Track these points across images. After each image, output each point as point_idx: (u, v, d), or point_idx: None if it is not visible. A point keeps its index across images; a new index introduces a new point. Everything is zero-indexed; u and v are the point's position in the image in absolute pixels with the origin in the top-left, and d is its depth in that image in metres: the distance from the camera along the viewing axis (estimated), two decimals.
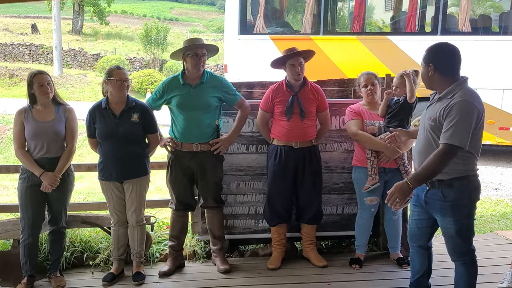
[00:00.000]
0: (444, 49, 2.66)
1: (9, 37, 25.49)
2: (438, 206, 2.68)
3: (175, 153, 3.56)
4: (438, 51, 2.66)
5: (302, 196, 3.63)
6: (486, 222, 4.91)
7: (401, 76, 3.44)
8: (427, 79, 2.69)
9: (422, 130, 2.73)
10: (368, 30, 8.49)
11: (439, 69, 2.63)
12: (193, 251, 3.91)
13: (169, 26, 26.91)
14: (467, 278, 2.78)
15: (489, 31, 7.85)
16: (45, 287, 3.44)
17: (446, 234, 2.72)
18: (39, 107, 3.38)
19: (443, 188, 2.64)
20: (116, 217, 3.51)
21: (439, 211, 2.69)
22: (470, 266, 2.76)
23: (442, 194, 2.64)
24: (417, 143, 2.79)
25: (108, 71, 3.35)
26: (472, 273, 2.77)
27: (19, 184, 3.37)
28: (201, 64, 3.46)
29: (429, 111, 2.70)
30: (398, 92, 3.49)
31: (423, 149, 2.69)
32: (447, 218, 2.66)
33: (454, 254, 2.76)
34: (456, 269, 2.81)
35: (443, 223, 2.71)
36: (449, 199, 2.63)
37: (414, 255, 2.97)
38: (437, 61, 2.64)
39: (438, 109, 2.59)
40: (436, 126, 2.59)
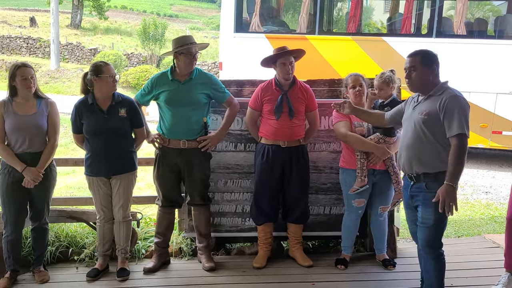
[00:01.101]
0: (435, 54, 2.87)
1: (7, 29, 25.35)
2: (421, 197, 2.82)
3: (162, 150, 3.55)
4: (434, 56, 2.85)
5: (288, 195, 3.63)
6: (474, 225, 4.92)
7: (380, 77, 3.46)
8: (426, 81, 2.81)
9: (409, 127, 2.86)
10: (363, 31, 8.48)
11: (437, 72, 2.83)
12: (179, 248, 3.90)
13: (169, 23, 26.85)
14: (436, 271, 2.89)
15: (485, 34, 7.86)
16: (29, 281, 3.42)
17: (424, 225, 2.83)
18: (19, 100, 3.31)
19: (428, 181, 2.79)
20: (102, 213, 3.49)
21: (421, 201, 2.82)
22: (439, 259, 2.88)
23: (426, 186, 2.79)
24: (404, 139, 2.92)
25: (97, 68, 3.30)
26: (441, 265, 2.90)
27: (0, 179, 3.31)
28: (194, 63, 3.47)
29: (419, 108, 2.83)
30: (381, 93, 3.49)
31: (411, 143, 2.83)
32: (428, 209, 2.79)
33: (427, 247, 2.86)
34: (426, 264, 2.93)
35: (423, 213, 2.82)
36: (433, 191, 2.73)
37: (419, 253, 3.03)
38: (437, 64, 2.83)
39: (431, 104, 2.76)
40: (430, 119, 2.74)
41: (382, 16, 10.18)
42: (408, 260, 3.73)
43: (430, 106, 2.76)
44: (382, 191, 3.56)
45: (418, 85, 2.84)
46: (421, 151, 2.79)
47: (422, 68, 2.80)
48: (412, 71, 2.81)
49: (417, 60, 2.81)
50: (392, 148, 3.47)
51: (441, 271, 2.90)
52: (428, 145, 2.77)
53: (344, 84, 3.63)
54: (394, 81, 3.47)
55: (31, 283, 3.39)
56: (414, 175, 2.84)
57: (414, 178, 2.85)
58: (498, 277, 3.35)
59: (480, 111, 7.36)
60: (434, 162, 2.76)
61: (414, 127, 2.81)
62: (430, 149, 2.77)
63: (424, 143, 2.77)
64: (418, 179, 2.83)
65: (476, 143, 7.56)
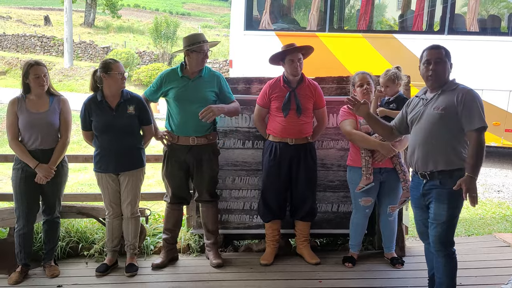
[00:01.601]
0: None
1: (22, 28, 25.71)
2: (435, 193, 2.77)
3: (171, 147, 3.57)
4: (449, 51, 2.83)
5: (296, 192, 3.63)
6: (485, 224, 4.86)
7: (385, 74, 3.44)
8: (447, 75, 2.79)
9: (423, 124, 2.80)
10: (374, 28, 8.42)
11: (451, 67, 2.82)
12: (187, 244, 3.93)
13: (181, 21, 26.91)
14: (447, 270, 2.85)
15: (498, 31, 7.75)
16: (39, 275, 3.47)
17: (437, 221, 2.78)
18: (32, 97, 3.37)
19: (443, 178, 2.74)
20: (111, 209, 3.53)
21: (435, 198, 2.77)
22: (450, 258, 2.84)
23: (440, 182, 2.75)
24: (417, 137, 2.84)
25: (106, 65, 3.34)
26: (453, 264, 2.85)
27: (13, 174, 3.38)
28: (205, 60, 3.49)
29: (432, 105, 2.78)
30: (387, 90, 3.47)
31: (427, 140, 2.77)
32: (442, 205, 2.75)
33: (439, 244, 2.81)
34: (437, 261, 2.88)
35: (436, 210, 2.77)
36: (447, 187, 2.72)
37: (427, 250, 3.03)
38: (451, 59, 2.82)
39: (447, 99, 2.73)
40: (447, 114, 2.71)
41: (395, 13, 10.09)
42: (417, 259, 3.70)
43: (446, 101, 2.72)
44: (390, 190, 3.55)
45: (441, 78, 2.78)
46: (437, 148, 2.74)
47: (446, 61, 2.78)
48: (438, 63, 2.76)
49: (442, 53, 2.79)
50: (397, 146, 3.45)
51: (453, 270, 2.85)
52: (445, 141, 2.73)
53: (352, 83, 3.62)
54: (400, 77, 3.45)
55: (42, 277, 3.45)
56: (428, 173, 2.78)
57: (428, 176, 2.79)
58: (508, 276, 3.32)
59: (492, 109, 7.25)
60: (450, 159, 2.72)
61: (429, 124, 2.77)
62: (446, 145, 2.73)
63: (440, 139, 2.73)
64: (432, 177, 2.78)
65: (489, 141, 7.46)
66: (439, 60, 2.76)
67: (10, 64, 20.29)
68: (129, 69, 18.36)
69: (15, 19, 29.31)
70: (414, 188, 2.96)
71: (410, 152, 2.91)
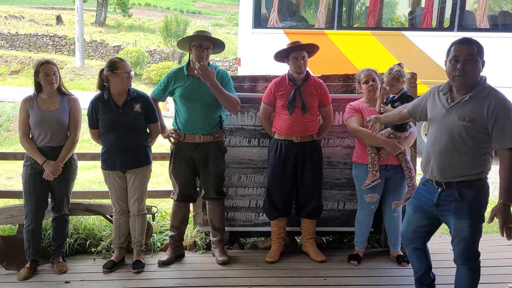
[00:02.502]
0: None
1: (35, 28, 26.02)
2: (454, 207, 2.55)
3: (178, 144, 3.60)
4: (483, 46, 2.48)
5: (301, 190, 3.64)
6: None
7: (389, 73, 3.41)
8: (477, 76, 2.46)
9: (443, 131, 2.53)
10: (383, 25, 8.37)
11: (484, 65, 2.47)
12: (193, 242, 3.96)
13: (191, 19, 27.07)
14: (470, 283, 2.69)
15: (509, 27, 7.65)
16: (48, 271, 3.53)
17: (458, 237, 2.59)
18: (44, 96, 3.45)
19: (461, 189, 2.52)
20: (118, 206, 3.57)
21: (454, 213, 2.55)
22: (475, 271, 2.68)
23: (460, 195, 2.52)
24: (435, 144, 2.59)
25: (112, 64, 3.38)
26: (476, 277, 2.69)
27: (23, 171, 3.46)
28: (205, 57, 3.46)
29: (458, 111, 2.47)
30: (392, 89, 3.45)
31: (447, 150, 2.52)
32: (463, 220, 2.54)
33: (462, 258, 2.64)
34: (459, 272, 2.71)
35: (457, 226, 2.56)
36: (467, 200, 2.51)
37: (411, 255, 2.90)
38: (483, 57, 2.48)
39: (476, 109, 2.42)
40: (474, 127, 2.42)
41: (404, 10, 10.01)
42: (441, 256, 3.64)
43: (475, 111, 2.41)
44: (395, 187, 3.54)
45: (471, 79, 2.43)
46: (458, 160, 2.49)
47: (478, 60, 2.41)
48: (468, 61, 2.40)
49: (474, 50, 2.40)
50: (403, 143, 3.45)
51: (475, 283, 2.66)
52: (466, 153, 2.47)
53: (358, 80, 3.62)
54: (403, 75, 3.43)
55: (50, 273, 3.50)
56: (445, 182, 2.54)
57: (444, 185, 2.55)
58: None
59: None
60: (471, 170, 2.48)
61: (450, 133, 2.49)
62: (467, 157, 2.48)
63: (462, 151, 2.47)
64: (449, 186, 2.54)
65: None
66: (470, 58, 2.40)
67: (23, 63, 20.56)
68: (140, 68, 18.50)
69: (28, 19, 29.68)
70: (425, 193, 2.70)
71: (426, 160, 2.64)
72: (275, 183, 3.62)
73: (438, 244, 4.07)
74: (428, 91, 2.72)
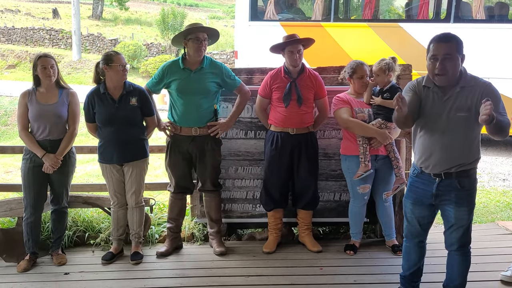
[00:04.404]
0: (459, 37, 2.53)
1: (31, 21, 25.87)
2: (454, 196, 2.60)
3: (174, 137, 3.63)
4: (462, 41, 2.51)
5: (298, 182, 3.67)
6: (488, 212, 4.87)
7: (379, 63, 3.45)
8: (457, 72, 2.49)
9: (441, 127, 2.55)
10: (380, 17, 8.37)
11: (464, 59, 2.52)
12: (191, 233, 4.00)
13: (189, 12, 26.92)
14: (463, 268, 2.77)
15: (505, 18, 7.66)
16: (47, 263, 3.57)
17: (457, 225, 2.65)
18: (42, 90, 3.46)
19: (461, 178, 2.59)
20: (116, 199, 3.60)
21: (454, 201, 2.61)
22: (468, 256, 2.76)
23: (459, 184, 2.59)
24: (434, 139, 2.59)
25: (107, 57, 3.40)
26: (468, 262, 2.78)
27: (22, 164, 3.49)
28: (203, 48, 3.49)
29: (453, 103, 2.51)
30: (377, 79, 3.48)
31: (450, 143, 2.54)
32: (462, 208, 2.61)
33: (458, 244, 2.70)
34: (452, 259, 2.77)
35: (457, 214, 2.61)
36: (466, 188, 2.60)
37: (411, 250, 2.90)
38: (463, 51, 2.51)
39: (469, 98, 2.48)
40: (471, 116, 2.48)
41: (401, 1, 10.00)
42: None
43: (469, 100, 2.48)
44: (384, 177, 3.60)
45: (453, 77, 2.48)
46: (460, 151, 2.55)
47: (458, 56, 2.46)
48: (448, 59, 2.43)
49: (453, 48, 2.45)
50: (393, 133, 3.50)
51: (467, 268, 2.78)
52: (468, 142, 2.56)
53: (349, 72, 3.58)
54: (392, 69, 3.46)
55: (50, 265, 3.54)
56: (444, 173, 2.59)
57: (443, 175, 2.59)
58: (509, 264, 3.34)
59: None
60: (469, 158, 2.57)
61: (451, 128, 2.53)
62: (470, 147, 2.56)
63: (463, 142, 2.54)
64: (448, 176, 2.59)
65: None
66: (449, 56, 2.43)
67: (20, 57, 20.49)
68: (137, 61, 18.44)
69: (24, 13, 29.49)
70: (421, 185, 2.71)
71: (425, 155, 2.64)
72: (272, 175, 3.66)
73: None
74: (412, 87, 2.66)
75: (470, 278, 3.20)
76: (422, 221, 2.80)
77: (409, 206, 2.82)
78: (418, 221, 2.80)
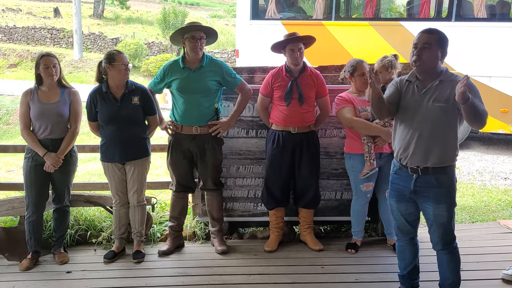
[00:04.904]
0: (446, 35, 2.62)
1: (32, 20, 25.89)
2: (432, 193, 2.64)
3: (175, 136, 3.63)
4: (448, 39, 2.61)
5: (299, 180, 3.68)
6: (490, 211, 4.87)
7: (381, 61, 3.46)
8: (436, 64, 2.59)
9: (421, 117, 2.61)
10: (381, 16, 8.37)
11: (445, 54, 2.62)
12: (193, 232, 4.01)
13: (190, 11, 26.92)
14: (454, 266, 2.77)
15: (507, 17, 7.65)
16: (50, 262, 3.58)
17: (437, 222, 2.67)
18: (44, 89, 3.48)
19: (438, 175, 2.62)
20: (118, 197, 3.61)
21: (432, 198, 2.64)
22: (455, 254, 2.76)
23: (436, 181, 2.62)
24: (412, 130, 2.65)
25: (110, 56, 3.41)
26: (457, 259, 2.78)
27: (24, 163, 3.50)
28: (199, 47, 3.49)
29: (431, 96, 2.59)
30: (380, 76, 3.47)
31: (430, 134, 2.60)
32: (441, 205, 2.63)
33: (442, 243, 2.72)
34: (441, 259, 2.79)
35: (436, 211, 2.64)
36: (444, 185, 2.63)
37: (405, 248, 2.91)
38: (447, 46, 2.60)
39: (447, 91, 2.56)
40: (449, 106, 2.56)
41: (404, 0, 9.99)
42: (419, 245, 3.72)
43: (448, 92, 2.55)
44: (387, 175, 3.52)
45: (428, 66, 2.58)
46: (438, 143, 2.60)
47: (437, 48, 2.55)
48: (426, 49, 2.54)
49: (434, 39, 2.55)
50: None
51: (457, 265, 2.77)
52: (446, 136, 2.60)
53: (350, 70, 3.58)
54: (394, 66, 3.47)
55: (52, 264, 3.56)
56: (421, 168, 2.63)
57: (420, 171, 2.63)
58: (510, 262, 3.35)
59: (501, 96, 7.22)
60: (448, 155, 2.62)
61: (429, 118, 2.59)
62: (446, 141, 2.60)
63: (440, 134, 2.59)
64: (425, 172, 2.63)
65: (497, 128, 7.43)
66: (427, 46, 2.54)
67: (21, 56, 20.52)
68: (138, 60, 18.45)
69: (25, 12, 29.51)
70: (400, 181, 2.76)
71: (403, 146, 2.69)
72: (273, 174, 3.66)
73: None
74: (394, 82, 2.79)
75: (471, 276, 3.24)
76: (409, 218, 2.82)
77: (394, 205, 2.84)
78: (405, 218, 2.82)
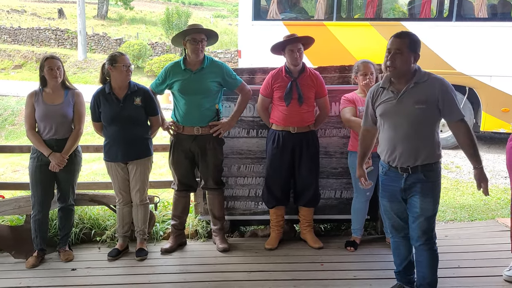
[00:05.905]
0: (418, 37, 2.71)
1: (37, 21, 26.05)
2: (419, 187, 2.72)
3: (177, 136, 3.70)
4: (419, 41, 2.69)
5: (299, 179, 3.74)
6: (489, 210, 4.91)
7: None
8: (409, 67, 2.65)
9: (400, 119, 2.69)
10: (382, 16, 8.40)
11: (418, 57, 2.68)
12: (195, 230, 4.08)
13: (193, 11, 27.00)
14: (433, 264, 2.83)
15: (508, 17, 7.68)
16: (55, 260, 3.66)
17: (423, 215, 2.73)
18: (49, 90, 3.56)
19: (425, 171, 2.71)
20: (121, 196, 3.69)
21: (419, 192, 2.72)
22: (434, 250, 2.82)
23: (424, 175, 2.71)
24: (396, 133, 2.72)
25: (112, 58, 3.49)
26: (436, 257, 2.84)
27: (30, 163, 3.58)
28: (200, 49, 3.55)
29: (409, 98, 2.65)
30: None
31: (411, 135, 2.68)
32: (427, 199, 2.72)
33: (424, 237, 2.76)
34: (420, 255, 2.83)
35: (422, 204, 2.72)
36: (431, 180, 2.72)
37: (399, 244, 2.97)
38: (419, 49, 2.68)
39: (425, 92, 2.64)
40: (428, 108, 2.63)
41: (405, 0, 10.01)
42: None
43: (426, 94, 2.63)
44: None
45: (402, 71, 2.64)
46: (422, 143, 2.69)
47: (408, 53, 2.61)
48: (398, 54, 2.59)
49: (405, 44, 2.61)
50: None
51: (436, 264, 2.84)
52: (428, 135, 2.69)
53: (355, 70, 3.68)
54: None
55: (57, 261, 3.64)
56: (411, 167, 2.71)
57: (410, 170, 2.71)
58: (506, 260, 3.39)
59: (501, 95, 7.25)
60: (434, 152, 2.71)
61: (410, 120, 2.66)
62: (429, 139, 2.69)
63: (423, 134, 2.68)
64: (414, 171, 2.71)
65: (498, 127, 7.46)
66: (399, 52, 2.60)
67: (26, 57, 20.67)
68: (142, 61, 18.54)
69: (30, 13, 29.69)
70: (390, 182, 2.83)
71: (390, 149, 2.76)
72: (273, 173, 3.73)
73: None
74: (368, 98, 2.90)
75: (469, 273, 3.30)
76: (402, 216, 2.88)
77: (387, 204, 2.91)
78: (398, 216, 2.89)
